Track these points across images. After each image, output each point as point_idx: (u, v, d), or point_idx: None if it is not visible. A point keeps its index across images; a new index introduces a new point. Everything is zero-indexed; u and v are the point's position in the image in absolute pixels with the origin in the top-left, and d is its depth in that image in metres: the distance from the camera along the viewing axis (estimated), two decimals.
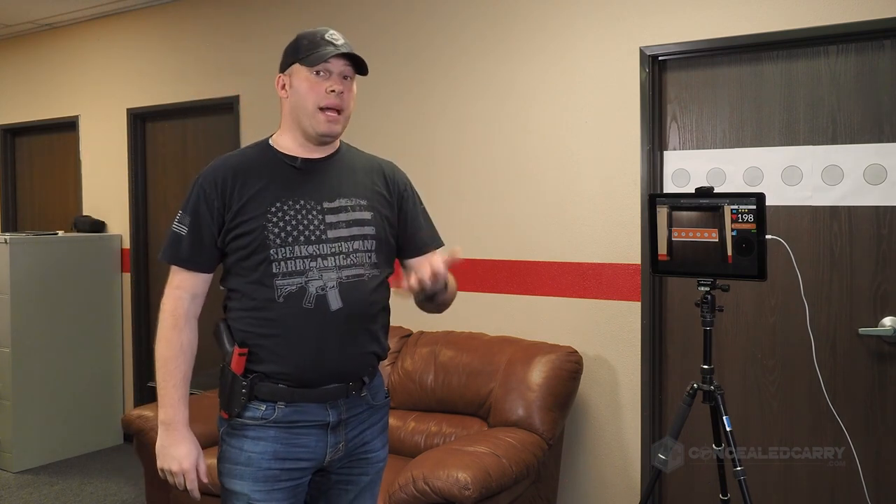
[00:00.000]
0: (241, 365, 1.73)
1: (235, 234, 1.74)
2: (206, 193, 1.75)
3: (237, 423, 1.75)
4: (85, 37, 4.98)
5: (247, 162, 1.79)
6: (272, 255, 1.71)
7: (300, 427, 1.75)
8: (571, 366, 2.96)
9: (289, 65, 1.79)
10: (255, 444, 1.73)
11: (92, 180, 4.96)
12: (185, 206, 1.78)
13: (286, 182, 1.77)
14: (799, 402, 2.80)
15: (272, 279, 1.71)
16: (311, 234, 1.74)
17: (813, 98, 2.74)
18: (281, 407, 1.73)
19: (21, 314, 4.30)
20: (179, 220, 1.77)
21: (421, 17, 3.55)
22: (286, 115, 1.82)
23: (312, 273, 1.73)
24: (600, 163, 3.09)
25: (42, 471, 4.33)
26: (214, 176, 1.77)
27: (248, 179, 1.76)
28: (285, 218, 1.73)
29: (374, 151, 3.71)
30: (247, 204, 1.73)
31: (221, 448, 1.80)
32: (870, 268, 2.67)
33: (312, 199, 1.77)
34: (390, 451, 3.12)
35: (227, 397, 1.75)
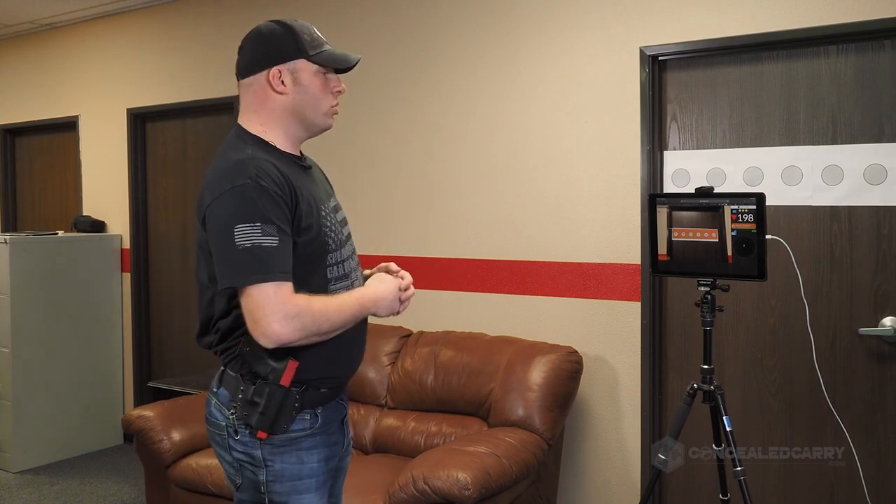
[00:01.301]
0: (290, 377, 1.63)
1: (297, 240, 1.61)
2: (277, 196, 1.56)
3: (283, 439, 1.67)
4: (85, 37, 4.98)
5: (277, 163, 1.63)
6: (328, 260, 1.68)
7: (332, 427, 1.77)
8: (571, 366, 2.96)
9: (289, 59, 1.67)
10: (310, 454, 1.71)
11: (92, 180, 4.96)
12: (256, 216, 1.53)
13: (308, 183, 1.71)
14: (799, 402, 2.80)
15: (327, 284, 1.68)
16: (341, 235, 1.74)
17: (813, 98, 2.74)
18: (320, 412, 1.72)
19: (21, 314, 4.30)
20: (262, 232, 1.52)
21: (421, 17, 3.55)
22: (278, 111, 1.70)
23: (353, 274, 1.76)
24: (600, 163, 3.09)
25: (42, 471, 4.33)
26: (274, 177, 1.58)
27: (295, 182, 1.63)
28: (331, 221, 1.71)
29: (374, 153, 3.72)
30: (307, 209, 1.63)
31: (269, 469, 1.68)
32: (870, 268, 2.67)
33: (326, 201, 1.75)
34: (390, 452, 3.15)
35: (274, 415, 1.63)
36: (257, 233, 1.52)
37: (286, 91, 1.68)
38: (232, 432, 1.69)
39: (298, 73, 1.68)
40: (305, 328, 1.55)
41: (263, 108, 1.70)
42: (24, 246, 4.33)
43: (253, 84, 1.70)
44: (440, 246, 3.52)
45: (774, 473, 2.85)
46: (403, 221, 3.62)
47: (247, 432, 1.66)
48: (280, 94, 1.68)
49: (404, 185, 3.61)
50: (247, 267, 1.52)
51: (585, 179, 3.13)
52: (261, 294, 1.52)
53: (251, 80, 1.70)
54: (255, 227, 1.52)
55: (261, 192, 1.54)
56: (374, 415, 3.28)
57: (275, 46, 1.68)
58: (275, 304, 1.52)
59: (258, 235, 1.52)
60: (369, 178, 3.70)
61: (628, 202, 3.03)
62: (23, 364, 4.31)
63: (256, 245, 1.52)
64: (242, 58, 1.73)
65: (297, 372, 1.64)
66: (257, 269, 1.52)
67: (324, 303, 1.60)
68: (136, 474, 4.14)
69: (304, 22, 1.74)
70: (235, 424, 1.68)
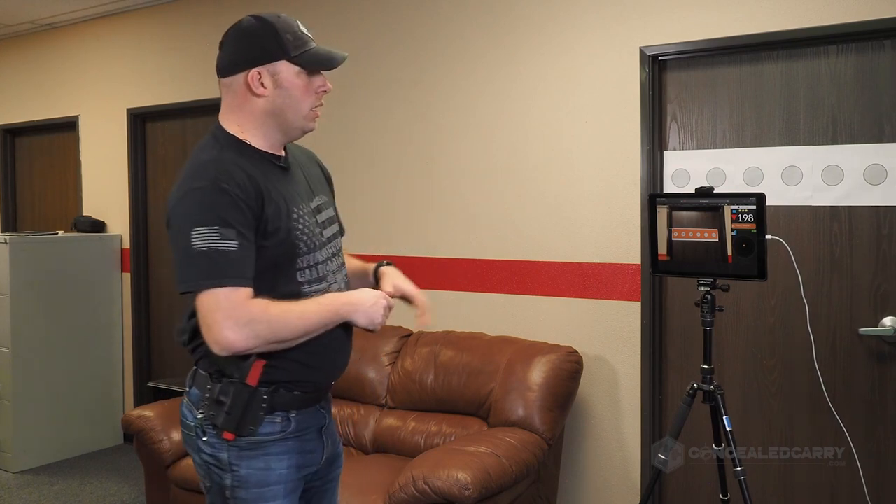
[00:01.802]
0: (257, 377, 1.59)
1: (265, 244, 1.56)
2: (239, 199, 1.51)
3: (251, 442, 1.61)
4: (85, 37, 4.98)
5: (248, 163, 1.60)
6: (299, 264, 1.62)
7: (307, 434, 1.70)
8: (571, 366, 2.96)
9: (270, 60, 1.60)
10: (280, 460, 1.64)
11: (92, 180, 4.95)
12: (214, 219, 1.49)
13: (284, 184, 1.66)
14: (799, 402, 2.80)
15: (299, 288, 1.62)
16: (319, 237, 1.68)
17: (813, 98, 2.74)
18: (293, 416, 1.66)
19: (21, 314, 4.30)
20: (220, 236, 1.48)
21: (421, 17, 3.55)
22: (257, 113, 1.63)
23: (330, 277, 1.70)
24: (600, 163, 3.09)
25: (42, 471, 4.32)
26: (237, 178, 1.53)
27: (264, 182, 1.58)
28: (306, 223, 1.64)
29: (374, 152, 3.72)
30: (275, 211, 1.58)
31: (234, 474, 1.62)
32: (870, 268, 2.67)
33: (305, 202, 1.69)
34: (390, 452, 3.15)
35: (240, 416, 1.58)
36: (215, 236, 1.48)
37: (266, 93, 1.61)
38: (200, 433, 1.64)
39: (279, 75, 1.61)
40: (260, 336, 1.50)
41: (242, 110, 1.64)
42: (24, 246, 4.33)
43: (232, 84, 1.64)
44: (440, 246, 3.52)
45: (774, 473, 2.85)
46: (403, 221, 3.62)
47: (214, 433, 1.61)
48: (259, 97, 1.62)
49: (404, 184, 3.60)
50: (201, 271, 1.48)
51: (585, 179, 3.13)
52: (213, 299, 1.48)
53: (230, 80, 1.64)
54: (212, 231, 1.48)
55: (221, 195, 1.50)
56: (374, 415, 3.28)
57: (255, 47, 1.61)
58: (226, 311, 1.47)
59: (216, 239, 1.48)
60: (369, 178, 3.70)
61: (628, 202, 3.03)
62: (23, 364, 4.31)
63: (213, 249, 1.47)
64: (222, 56, 1.66)
65: (265, 372, 1.59)
66: (212, 273, 1.48)
67: (283, 309, 1.53)
68: (136, 474, 4.14)
69: (287, 18, 1.65)
70: (203, 425, 1.63)
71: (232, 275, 1.49)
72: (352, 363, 3.62)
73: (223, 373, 1.61)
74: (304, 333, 1.57)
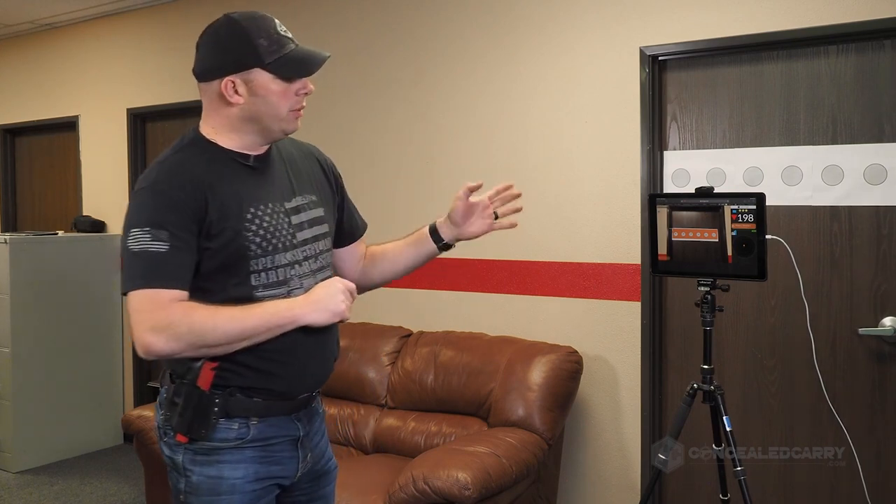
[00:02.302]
0: (209, 380, 1.54)
1: (210, 245, 1.53)
2: (177, 200, 1.49)
3: (205, 447, 1.57)
4: (85, 37, 4.98)
5: (202, 164, 1.56)
6: (252, 267, 1.56)
7: (274, 444, 1.63)
8: (571, 366, 2.96)
9: (243, 68, 1.54)
10: (235, 468, 1.57)
11: (92, 180, 4.95)
12: (147, 221, 1.48)
13: (247, 184, 1.60)
14: (799, 402, 2.80)
15: (252, 291, 1.56)
16: (286, 239, 1.61)
17: (813, 98, 2.74)
18: (254, 423, 1.59)
19: (21, 314, 4.30)
20: (151, 237, 1.46)
21: (421, 17, 3.55)
22: (232, 119, 1.59)
23: (294, 282, 1.62)
24: (600, 163, 3.09)
25: (42, 471, 4.32)
26: (179, 179, 1.52)
27: (213, 183, 1.54)
28: (262, 225, 1.58)
29: (374, 153, 3.71)
30: (222, 212, 1.53)
31: (187, 479, 1.58)
32: (870, 268, 2.67)
33: (276, 201, 1.63)
34: (390, 452, 3.15)
35: (190, 418, 1.54)
36: (146, 237, 1.47)
37: (241, 101, 1.56)
38: (162, 433, 1.63)
39: (253, 83, 1.55)
40: (182, 339, 1.45)
41: (217, 115, 1.61)
42: (24, 246, 4.33)
43: (207, 90, 1.60)
44: None
45: (774, 473, 2.85)
46: (403, 221, 3.61)
47: (171, 434, 1.59)
48: (234, 105, 1.57)
49: (404, 184, 3.60)
50: (130, 272, 1.48)
51: (585, 179, 3.13)
52: (136, 301, 1.46)
53: (205, 85, 1.60)
54: (144, 232, 1.47)
55: (157, 197, 1.49)
56: (374, 415, 3.28)
57: (228, 54, 1.55)
58: (147, 313, 1.45)
59: (147, 240, 1.46)
60: (369, 178, 3.70)
61: (628, 202, 3.03)
62: (23, 364, 4.31)
63: (143, 250, 1.46)
64: (197, 61, 1.62)
65: (218, 375, 1.54)
66: (138, 275, 1.47)
67: (211, 312, 1.48)
68: (136, 474, 4.14)
69: (263, 18, 1.59)
70: (164, 426, 1.61)
71: (158, 277, 1.46)
72: (352, 363, 3.63)
73: (176, 374, 1.58)
74: (240, 339, 1.50)
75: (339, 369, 3.37)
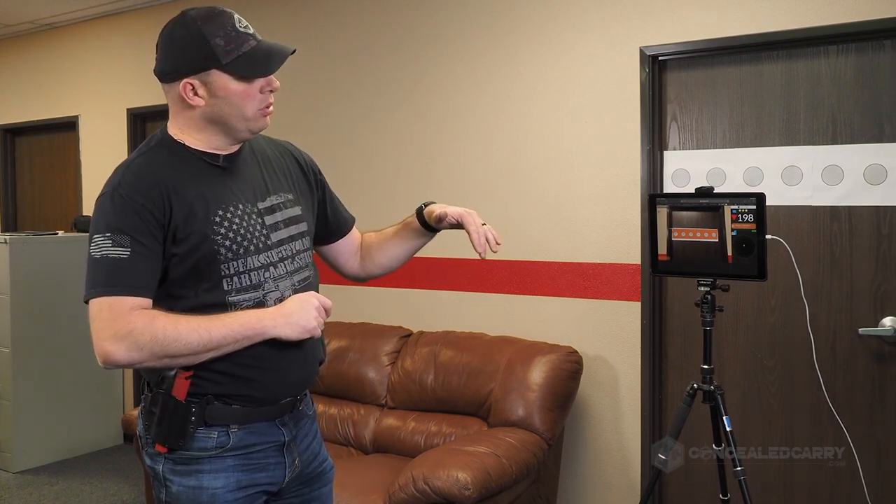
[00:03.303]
0: (184, 390, 1.49)
1: (177, 251, 1.48)
2: (138, 206, 1.44)
3: (184, 457, 1.52)
4: (85, 37, 4.98)
5: (167, 166, 1.51)
6: (223, 271, 1.51)
7: (257, 451, 1.58)
8: (571, 366, 2.96)
9: (199, 70, 1.48)
10: (215, 478, 1.53)
11: (92, 180, 4.96)
12: (108, 227, 1.43)
13: (216, 185, 1.54)
14: (799, 402, 2.80)
15: (224, 296, 1.51)
16: (259, 241, 1.56)
17: (813, 98, 2.74)
18: (234, 431, 1.54)
19: (21, 314, 4.30)
20: (112, 243, 1.42)
21: (421, 17, 3.55)
22: (196, 121, 1.54)
23: (268, 284, 1.56)
24: (600, 163, 3.09)
25: (42, 471, 4.32)
26: (141, 184, 1.47)
27: (178, 186, 1.49)
28: (232, 227, 1.52)
29: (374, 153, 3.72)
30: (188, 216, 1.48)
31: (167, 489, 1.55)
32: (870, 268, 2.67)
33: (248, 202, 1.57)
34: (390, 452, 3.15)
35: (167, 428, 1.50)
36: (107, 244, 1.42)
37: (201, 103, 1.51)
38: (143, 443, 1.59)
39: (212, 84, 1.49)
40: (144, 349, 1.40)
41: (181, 116, 1.56)
42: (24, 246, 4.33)
43: (169, 92, 1.55)
44: (440, 246, 3.50)
45: (774, 473, 2.85)
46: None
47: (151, 444, 1.55)
48: (195, 107, 1.52)
49: (404, 184, 3.60)
50: (91, 279, 1.43)
51: (585, 179, 3.13)
52: (96, 309, 1.42)
53: (167, 87, 1.55)
54: (105, 238, 1.43)
55: (118, 202, 1.45)
56: (374, 415, 3.28)
57: (183, 56, 1.49)
58: (106, 321, 1.40)
59: (108, 247, 1.42)
60: (369, 178, 3.70)
61: (628, 202, 3.03)
62: (23, 364, 4.31)
63: (104, 256, 1.42)
64: (156, 61, 1.57)
65: (194, 384, 1.50)
66: (99, 281, 1.42)
67: (174, 322, 1.43)
68: (136, 474, 4.14)
69: (221, 14, 1.51)
70: (144, 435, 1.58)
71: (117, 283, 1.42)
72: (352, 363, 3.63)
73: (151, 383, 1.54)
74: (206, 349, 1.45)
75: (338, 369, 3.39)
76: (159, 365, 1.45)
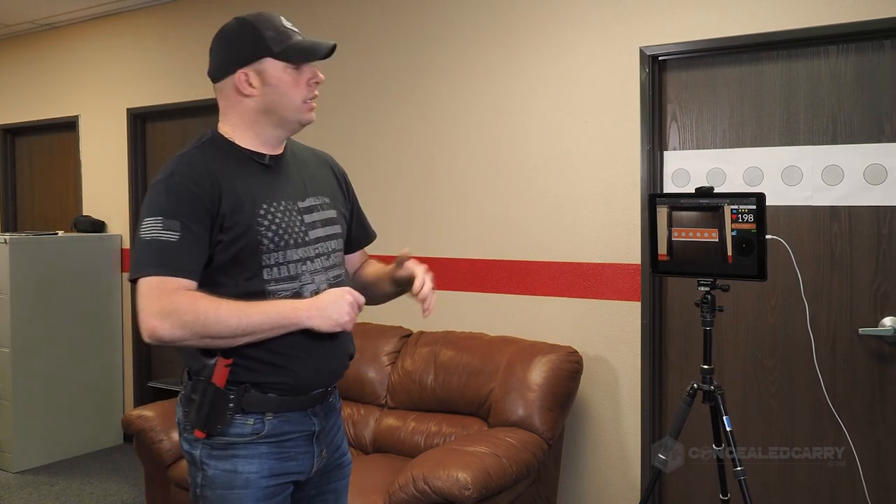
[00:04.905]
0: (223, 377, 1.58)
1: (222, 238, 1.58)
2: (191, 193, 1.55)
3: (221, 442, 1.61)
4: (85, 37, 4.98)
5: (218, 160, 1.63)
6: (264, 261, 1.61)
7: (289, 439, 1.66)
8: (571, 366, 2.96)
9: (253, 59, 1.62)
10: (249, 463, 1.62)
11: (92, 180, 4.95)
12: (161, 211, 1.53)
13: (262, 182, 1.66)
14: (799, 402, 2.80)
15: (264, 285, 1.61)
16: (298, 236, 1.66)
17: (813, 98, 2.74)
18: (269, 419, 1.63)
19: (21, 314, 4.30)
20: (163, 226, 1.52)
21: (421, 18, 3.55)
22: (248, 113, 1.66)
23: (305, 277, 1.66)
24: (600, 163, 3.09)
25: (42, 471, 4.33)
26: (194, 173, 1.58)
27: (227, 179, 1.60)
28: (275, 221, 1.63)
29: (375, 153, 3.72)
30: (235, 206, 1.59)
31: (204, 473, 1.63)
32: (870, 268, 2.67)
33: (290, 200, 1.68)
34: (390, 452, 3.15)
35: (207, 414, 1.59)
36: (158, 227, 1.52)
37: (255, 93, 1.64)
38: (182, 429, 1.68)
39: (265, 73, 1.63)
40: (186, 326, 1.48)
41: (234, 111, 1.68)
42: (24, 246, 4.33)
43: (223, 88, 1.68)
44: (440, 246, 3.52)
45: (774, 473, 2.85)
46: (404, 221, 3.62)
47: (190, 430, 1.64)
48: (249, 97, 1.65)
49: (405, 185, 3.60)
50: (140, 260, 1.52)
51: (585, 179, 3.13)
52: (144, 287, 1.51)
53: (221, 84, 1.68)
54: (156, 221, 1.52)
55: (172, 188, 1.55)
56: (374, 415, 3.28)
57: (238, 48, 1.64)
58: (154, 299, 1.49)
59: (158, 229, 1.52)
60: (370, 179, 3.70)
61: (628, 202, 3.03)
62: (23, 364, 4.31)
63: (154, 238, 1.52)
64: (211, 62, 1.71)
65: (233, 372, 1.59)
66: (148, 262, 1.51)
67: (216, 305, 1.52)
68: (136, 474, 4.14)
69: (269, 14, 1.67)
70: (184, 422, 1.66)
71: (166, 264, 1.51)
72: (351, 363, 3.62)
73: (192, 371, 1.63)
74: (243, 333, 1.53)
75: None
76: (200, 345, 1.54)
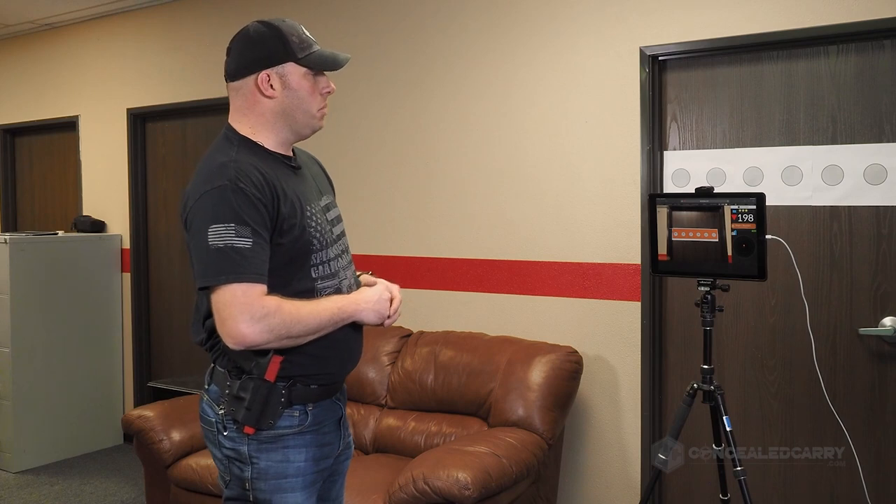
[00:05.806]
0: (275, 372, 1.64)
1: (281, 241, 1.62)
2: (255, 199, 1.57)
3: (270, 435, 1.67)
4: (85, 37, 4.98)
5: (263, 163, 1.66)
6: (313, 260, 1.68)
7: (325, 426, 1.76)
8: (571, 366, 2.96)
9: (278, 62, 1.67)
10: (299, 452, 1.70)
11: (92, 180, 4.95)
12: (231, 217, 1.54)
13: (298, 184, 1.73)
14: (799, 402, 2.80)
15: (313, 284, 1.68)
16: (328, 235, 1.74)
17: (813, 98, 2.74)
18: (311, 409, 1.71)
19: (21, 314, 4.30)
20: (236, 233, 1.53)
21: (420, 18, 3.55)
22: (267, 115, 1.70)
23: (341, 274, 1.76)
24: (600, 163, 3.09)
25: (42, 471, 4.32)
26: (254, 179, 1.59)
27: (278, 182, 1.64)
28: (319, 220, 1.71)
29: (375, 153, 3.73)
30: (291, 210, 1.64)
31: (254, 466, 1.68)
32: (870, 268, 2.67)
33: (315, 200, 1.76)
34: (390, 452, 3.15)
35: (261, 410, 1.63)
36: (231, 233, 1.53)
37: (275, 95, 1.69)
38: (221, 428, 1.70)
39: (287, 77, 1.69)
40: (274, 330, 1.55)
41: (252, 112, 1.71)
42: (24, 246, 4.33)
43: (242, 87, 1.71)
44: (440, 246, 3.52)
45: (774, 473, 2.85)
46: (404, 221, 3.62)
47: (234, 428, 1.67)
48: (269, 98, 1.69)
49: (405, 185, 3.60)
50: (217, 267, 1.53)
51: (585, 179, 3.13)
52: (229, 294, 1.53)
53: (240, 83, 1.71)
54: (228, 228, 1.53)
55: (237, 194, 1.56)
56: (374, 415, 3.28)
57: (263, 50, 1.68)
58: (242, 305, 1.52)
59: (231, 236, 1.53)
60: (370, 179, 3.70)
61: (628, 202, 3.03)
62: (23, 364, 4.31)
63: (229, 245, 1.53)
64: (231, 61, 1.73)
65: (282, 367, 1.64)
66: (227, 269, 1.52)
67: (296, 306, 1.59)
68: (136, 474, 4.14)
69: (292, 22, 1.74)
70: (224, 420, 1.68)
71: (248, 271, 1.54)
72: None
73: (242, 369, 1.66)
74: (315, 331, 1.62)
75: None
76: (278, 346, 1.59)
